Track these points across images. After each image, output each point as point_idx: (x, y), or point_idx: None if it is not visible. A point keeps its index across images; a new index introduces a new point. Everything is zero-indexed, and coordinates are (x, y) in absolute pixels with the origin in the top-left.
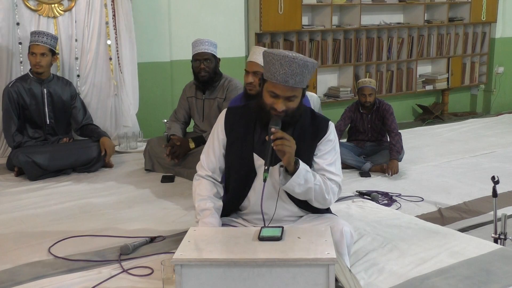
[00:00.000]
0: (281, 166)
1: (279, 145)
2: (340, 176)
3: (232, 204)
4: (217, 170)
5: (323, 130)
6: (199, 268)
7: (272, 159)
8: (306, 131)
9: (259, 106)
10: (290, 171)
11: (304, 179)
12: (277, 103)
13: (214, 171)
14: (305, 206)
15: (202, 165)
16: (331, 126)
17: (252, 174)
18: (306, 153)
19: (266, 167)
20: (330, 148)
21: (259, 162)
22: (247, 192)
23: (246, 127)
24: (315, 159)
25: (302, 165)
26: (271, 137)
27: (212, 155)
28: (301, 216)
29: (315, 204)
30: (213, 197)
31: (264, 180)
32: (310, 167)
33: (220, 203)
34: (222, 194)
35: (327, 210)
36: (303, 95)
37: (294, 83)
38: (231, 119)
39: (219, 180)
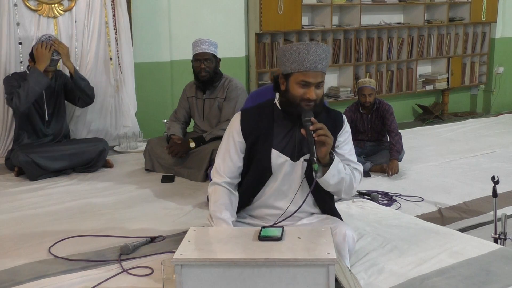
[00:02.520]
0: (305, 160)
1: (322, 135)
2: (360, 165)
3: (241, 201)
4: (235, 174)
5: (340, 122)
6: (199, 268)
7: (314, 148)
8: (325, 125)
9: (288, 101)
10: (324, 163)
11: (337, 170)
12: (309, 92)
13: (231, 176)
14: (321, 202)
15: (218, 171)
16: (345, 118)
17: (268, 173)
18: None
19: (314, 158)
20: (348, 139)
21: (278, 159)
22: (260, 189)
23: (264, 126)
24: (337, 150)
25: (336, 157)
26: (310, 128)
27: (228, 159)
28: (311, 214)
29: (343, 196)
30: (229, 206)
31: (316, 172)
32: None
33: (234, 216)
34: (236, 204)
35: (336, 215)
36: None
37: (322, 68)
38: (247, 121)
39: (235, 184)
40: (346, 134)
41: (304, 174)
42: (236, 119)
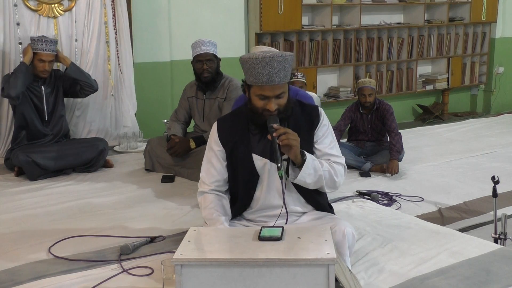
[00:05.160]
0: (279, 167)
1: (285, 139)
2: (342, 157)
3: (239, 210)
4: (221, 181)
5: (316, 117)
6: (199, 268)
7: (279, 155)
8: (300, 122)
9: (251, 111)
10: (297, 164)
11: (313, 168)
12: (269, 104)
13: (217, 184)
14: (311, 200)
15: (203, 181)
16: (322, 111)
17: (255, 176)
18: (306, 143)
19: (279, 165)
20: (326, 132)
21: (259, 162)
22: (252, 195)
23: (241, 132)
24: (316, 146)
25: (309, 155)
26: (274, 134)
27: (212, 169)
28: (305, 213)
29: (327, 190)
30: (220, 208)
31: (281, 177)
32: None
33: (228, 214)
34: (228, 204)
35: (330, 210)
36: (288, 88)
37: (279, 81)
38: (223, 129)
39: (224, 190)
40: (324, 128)
41: (285, 173)
42: (213, 129)
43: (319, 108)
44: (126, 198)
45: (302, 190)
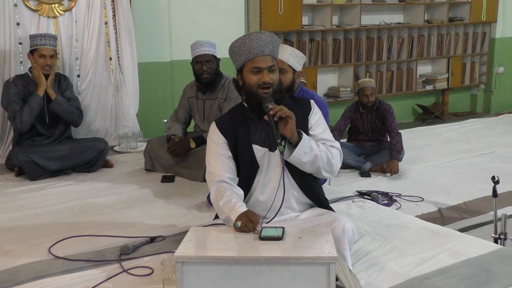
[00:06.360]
0: (279, 143)
1: (281, 113)
2: (337, 142)
3: None
4: (230, 171)
5: (308, 106)
6: (200, 265)
7: (277, 132)
8: (293, 111)
9: (247, 93)
10: (294, 142)
11: (309, 147)
12: (263, 76)
13: (226, 173)
14: (307, 189)
15: (211, 172)
16: (313, 102)
17: (255, 167)
18: (301, 129)
19: (278, 140)
20: (319, 119)
21: (259, 152)
22: (250, 184)
23: (239, 125)
24: (310, 132)
25: (305, 135)
26: (270, 112)
27: (218, 160)
28: (307, 208)
29: (324, 174)
30: (237, 197)
31: (282, 153)
32: None
33: (241, 193)
34: (242, 196)
35: (326, 203)
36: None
37: (269, 51)
38: (222, 125)
39: (233, 177)
40: (316, 116)
41: (281, 161)
42: (212, 128)
43: (311, 100)
44: (126, 198)
45: (297, 178)
